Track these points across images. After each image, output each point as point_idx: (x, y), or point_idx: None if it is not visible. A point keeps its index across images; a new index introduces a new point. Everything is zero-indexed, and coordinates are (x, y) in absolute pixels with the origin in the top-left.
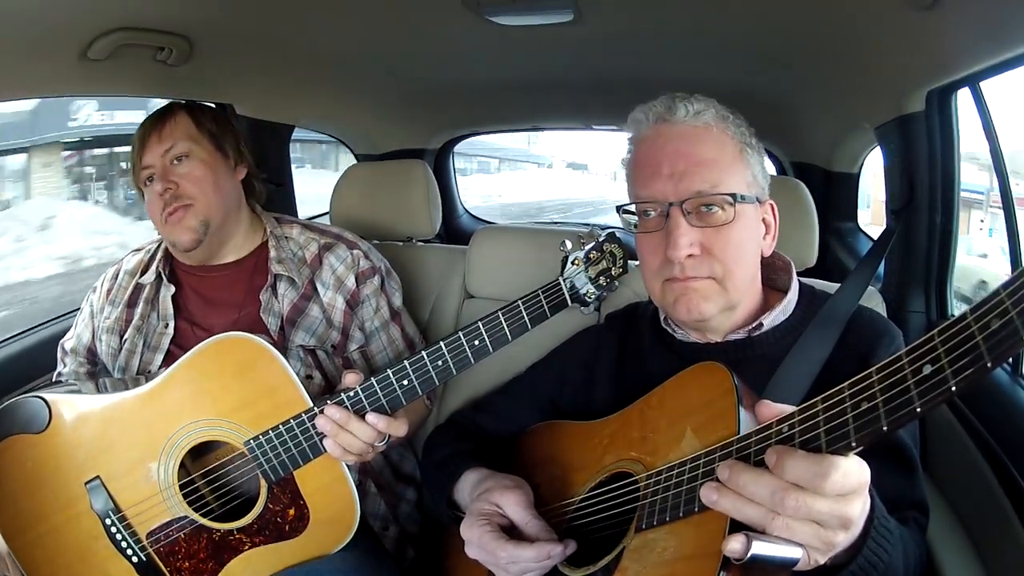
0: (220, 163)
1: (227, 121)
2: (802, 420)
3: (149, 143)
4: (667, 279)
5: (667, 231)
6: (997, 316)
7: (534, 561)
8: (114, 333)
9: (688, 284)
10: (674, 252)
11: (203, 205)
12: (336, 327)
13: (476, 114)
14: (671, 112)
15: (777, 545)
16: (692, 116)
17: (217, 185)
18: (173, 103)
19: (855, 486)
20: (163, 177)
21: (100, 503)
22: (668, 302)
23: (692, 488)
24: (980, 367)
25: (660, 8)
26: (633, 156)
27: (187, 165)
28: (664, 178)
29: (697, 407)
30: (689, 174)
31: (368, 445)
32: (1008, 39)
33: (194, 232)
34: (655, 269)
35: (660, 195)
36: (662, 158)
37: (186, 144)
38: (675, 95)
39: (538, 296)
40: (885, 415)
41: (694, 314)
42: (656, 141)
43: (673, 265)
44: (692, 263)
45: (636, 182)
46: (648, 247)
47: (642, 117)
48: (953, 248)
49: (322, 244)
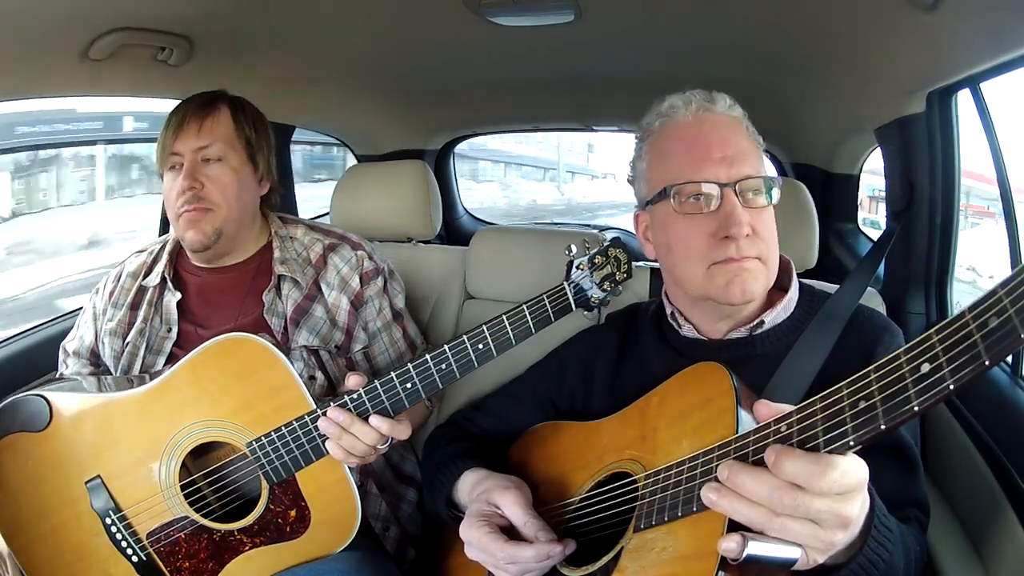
0: (248, 174)
1: (265, 129)
2: (800, 419)
3: (186, 132)
4: (716, 262)
5: (724, 212)
6: (995, 315)
7: (533, 561)
8: (117, 336)
9: (743, 264)
10: (738, 230)
11: (222, 213)
12: (340, 328)
13: (476, 114)
14: (712, 102)
15: (774, 545)
16: (728, 108)
17: (240, 196)
18: (219, 94)
19: (854, 485)
20: (190, 174)
21: (100, 502)
22: (718, 284)
23: (691, 488)
24: (978, 366)
25: (660, 9)
26: (668, 140)
27: (217, 169)
28: (716, 162)
29: (696, 407)
30: (738, 159)
31: (371, 448)
32: (1009, 40)
33: (206, 236)
34: (703, 252)
35: (713, 177)
36: (712, 143)
37: (221, 147)
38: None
39: (543, 301)
40: (883, 414)
41: (748, 294)
42: (701, 128)
43: (728, 246)
44: (747, 243)
45: (680, 167)
46: (694, 231)
47: (681, 104)
48: (953, 249)
49: (327, 244)
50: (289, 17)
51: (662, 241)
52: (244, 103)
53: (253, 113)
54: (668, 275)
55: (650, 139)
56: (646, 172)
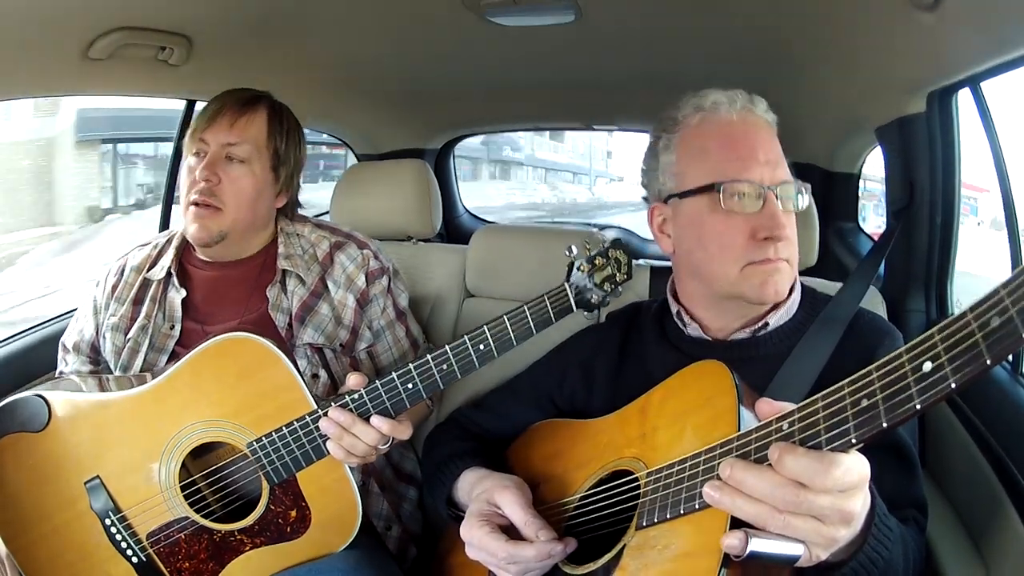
0: (268, 183)
1: (298, 144)
2: (802, 418)
3: (219, 124)
4: (753, 262)
5: (767, 213)
6: (997, 314)
7: (534, 560)
8: (119, 331)
9: (778, 264)
10: (781, 231)
11: (231, 217)
12: (346, 326)
13: (476, 114)
14: (754, 104)
15: (777, 541)
16: (766, 112)
17: (254, 203)
18: (263, 95)
19: (856, 482)
20: (211, 166)
21: (100, 503)
22: (752, 284)
23: (693, 486)
24: (979, 365)
25: (661, 9)
26: (709, 136)
27: (239, 170)
28: (761, 164)
29: (697, 405)
30: (780, 164)
31: (372, 448)
32: (1010, 40)
33: (209, 235)
34: (740, 251)
35: (758, 178)
36: (756, 144)
37: (249, 149)
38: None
39: (544, 301)
40: (885, 412)
41: (780, 294)
42: (746, 127)
43: (767, 247)
44: (783, 245)
45: (727, 162)
46: (732, 230)
47: (725, 100)
48: (953, 249)
49: (333, 243)
50: (289, 17)
51: (691, 236)
52: (285, 111)
53: (291, 124)
54: (690, 272)
55: (682, 132)
56: (674, 165)
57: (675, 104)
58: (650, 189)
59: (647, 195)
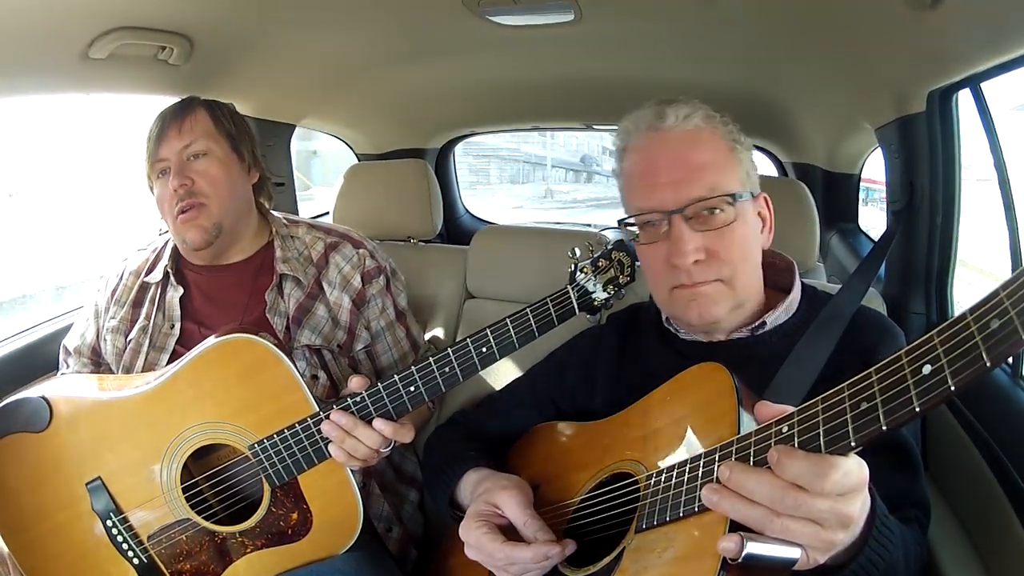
0: (235, 164)
1: (244, 123)
2: (801, 420)
3: (167, 136)
4: (675, 287)
5: (671, 239)
6: (996, 316)
7: (531, 562)
8: (119, 333)
9: (696, 290)
10: (681, 260)
11: (216, 205)
12: (342, 327)
13: (476, 114)
14: (661, 119)
15: (774, 545)
16: (682, 121)
17: (231, 187)
18: (192, 98)
19: (855, 485)
20: (179, 172)
21: (101, 504)
22: (679, 309)
23: (692, 488)
24: (979, 367)
25: (660, 9)
26: (626, 166)
27: (204, 163)
28: (662, 187)
29: (697, 407)
30: (687, 180)
31: (374, 451)
32: (1010, 40)
33: (206, 232)
34: (662, 278)
35: (660, 205)
36: (658, 167)
37: (205, 142)
38: (662, 100)
39: (546, 304)
40: (884, 415)
41: (706, 318)
42: (650, 150)
43: (680, 272)
44: (699, 269)
45: (634, 193)
46: (653, 257)
47: (631, 127)
48: (953, 249)
49: (328, 243)
50: (289, 16)
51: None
52: (218, 102)
53: (230, 110)
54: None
55: (619, 163)
56: (622, 193)
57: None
58: None
59: None
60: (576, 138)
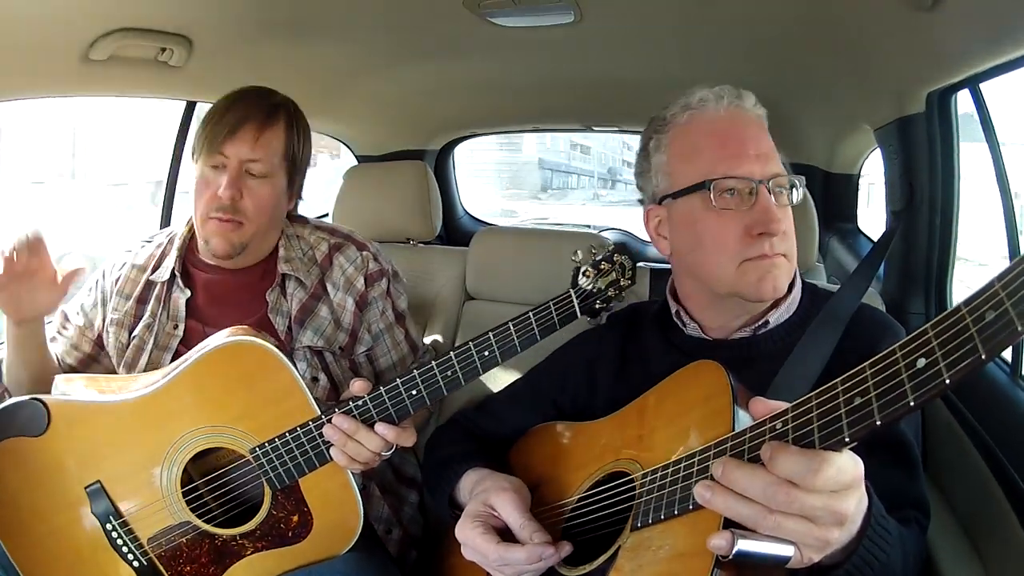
0: (285, 192)
1: (309, 145)
2: (795, 416)
3: (240, 138)
4: (749, 258)
5: (760, 208)
6: (991, 308)
7: (525, 563)
8: (123, 327)
9: (775, 260)
10: (776, 226)
11: (253, 229)
12: (344, 329)
13: (476, 114)
14: (742, 99)
15: (765, 542)
16: (755, 106)
17: (274, 213)
18: (280, 101)
19: (849, 482)
20: (233, 184)
21: (101, 507)
22: (750, 281)
23: (687, 486)
24: (974, 360)
25: (660, 9)
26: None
27: (260, 185)
28: (752, 158)
29: (693, 405)
30: (769, 158)
31: (375, 454)
32: (1009, 40)
33: (232, 248)
34: (736, 248)
35: (749, 174)
36: (746, 139)
37: (271, 165)
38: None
39: (548, 307)
40: (878, 409)
41: (778, 290)
42: (735, 123)
43: (763, 243)
44: (779, 240)
45: (717, 160)
46: (724, 227)
47: (712, 97)
48: (953, 250)
49: (332, 244)
50: (289, 17)
51: (686, 236)
52: (300, 115)
53: (305, 128)
54: (687, 272)
55: (672, 131)
56: (666, 165)
57: (664, 104)
58: (645, 191)
59: (642, 198)
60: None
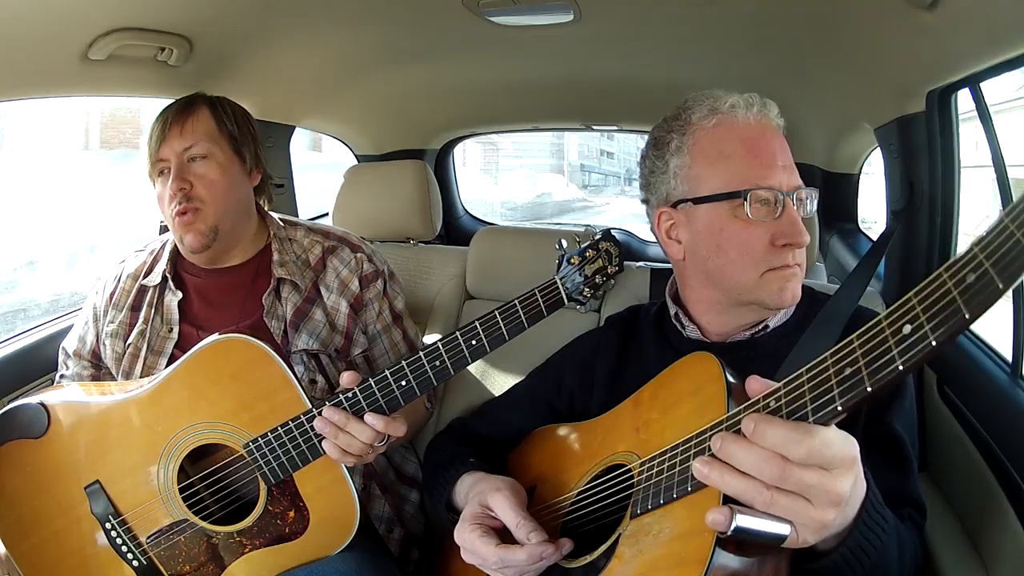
0: (236, 167)
1: (248, 122)
2: (788, 392)
3: (169, 136)
4: (773, 268)
5: (787, 220)
6: (971, 270)
7: (526, 564)
8: (118, 337)
9: (795, 270)
10: (802, 238)
11: (213, 210)
12: (339, 331)
13: (476, 114)
14: (768, 108)
15: (763, 520)
16: (777, 116)
17: (230, 190)
18: (197, 95)
19: (840, 458)
20: (178, 176)
21: (100, 507)
22: (772, 290)
23: (685, 468)
24: (958, 320)
25: (660, 9)
26: (727, 140)
27: (204, 166)
28: (780, 169)
29: (687, 394)
30: (793, 169)
31: (367, 446)
32: (1009, 39)
33: (203, 236)
34: (759, 258)
35: (778, 184)
36: (775, 149)
37: (206, 145)
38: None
39: (535, 295)
40: (868, 376)
41: (796, 299)
42: (764, 132)
43: (786, 254)
44: (799, 250)
45: (748, 168)
46: (751, 236)
47: (742, 104)
48: (953, 249)
49: (326, 247)
50: (289, 17)
51: (708, 243)
52: (223, 100)
53: (233, 108)
54: (705, 278)
55: (696, 133)
56: (687, 168)
57: (684, 105)
58: (654, 191)
59: (649, 197)
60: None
